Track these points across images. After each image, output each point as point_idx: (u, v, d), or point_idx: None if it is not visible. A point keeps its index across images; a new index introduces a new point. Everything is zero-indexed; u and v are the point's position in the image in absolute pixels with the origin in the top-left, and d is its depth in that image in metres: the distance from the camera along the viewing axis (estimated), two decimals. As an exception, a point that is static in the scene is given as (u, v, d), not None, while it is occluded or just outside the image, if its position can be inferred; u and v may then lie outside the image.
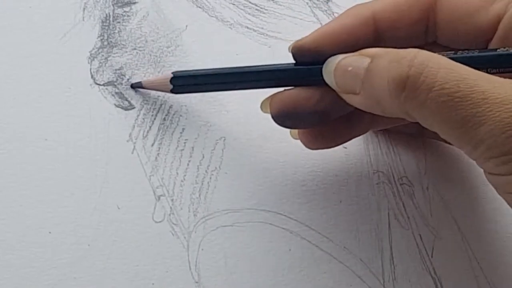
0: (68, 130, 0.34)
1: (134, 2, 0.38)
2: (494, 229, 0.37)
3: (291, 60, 0.33)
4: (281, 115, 0.33)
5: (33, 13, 0.36)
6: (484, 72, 0.26)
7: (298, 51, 0.32)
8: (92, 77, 0.36)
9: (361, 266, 0.35)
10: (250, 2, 0.40)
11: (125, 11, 0.38)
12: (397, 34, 0.33)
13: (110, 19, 0.37)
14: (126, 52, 0.37)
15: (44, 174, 0.33)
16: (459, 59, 0.27)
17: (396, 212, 0.36)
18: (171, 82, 0.34)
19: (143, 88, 0.35)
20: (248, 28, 0.39)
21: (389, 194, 0.37)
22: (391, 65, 0.27)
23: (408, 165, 0.38)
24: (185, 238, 0.33)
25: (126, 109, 0.35)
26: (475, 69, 0.26)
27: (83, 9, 0.37)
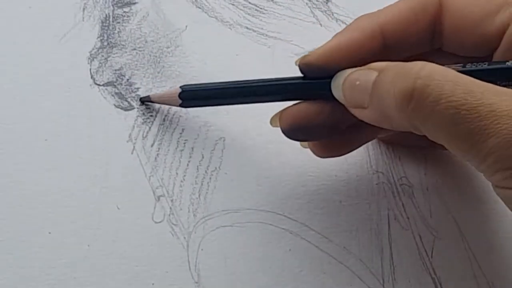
0: (68, 130, 0.34)
1: (134, 3, 0.38)
2: (494, 229, 0.37)
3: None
4: (292, 130, 0.33)
5: (33, 13, 0.36)
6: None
7: (306, 67, 0.32)
8: (92, 77, 0.36)
9: (360, 266, 0.35)
10: (249, 3, 0.40)
11: (125, 12, 0.38)
12: (404, 45, 0.32)
13: (110, 20, 0.37)
14: (126, 52, 0.37)
15: (44, 174, 0.33)
16: (468, 72, 0.27)
17: (396, 212, 0.36)
18: (180, 96, 0.34)
19: (152, 102, 0.35)
20: (248, 28, 0.39)
21: (389, 194, 0.37)
22: (398, 78, 0.27)
23: (407, 165, 0.38)
24: (184, 238, 0.33)
25: (125, 109, 0.35)
26: (484, 81, 0.26)
27: (83, 9, 0.37)
